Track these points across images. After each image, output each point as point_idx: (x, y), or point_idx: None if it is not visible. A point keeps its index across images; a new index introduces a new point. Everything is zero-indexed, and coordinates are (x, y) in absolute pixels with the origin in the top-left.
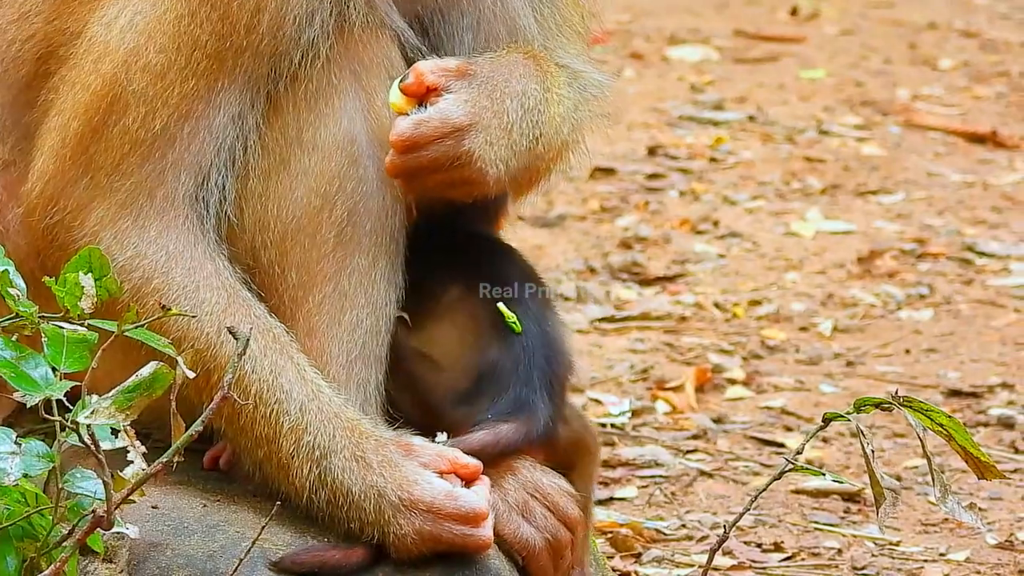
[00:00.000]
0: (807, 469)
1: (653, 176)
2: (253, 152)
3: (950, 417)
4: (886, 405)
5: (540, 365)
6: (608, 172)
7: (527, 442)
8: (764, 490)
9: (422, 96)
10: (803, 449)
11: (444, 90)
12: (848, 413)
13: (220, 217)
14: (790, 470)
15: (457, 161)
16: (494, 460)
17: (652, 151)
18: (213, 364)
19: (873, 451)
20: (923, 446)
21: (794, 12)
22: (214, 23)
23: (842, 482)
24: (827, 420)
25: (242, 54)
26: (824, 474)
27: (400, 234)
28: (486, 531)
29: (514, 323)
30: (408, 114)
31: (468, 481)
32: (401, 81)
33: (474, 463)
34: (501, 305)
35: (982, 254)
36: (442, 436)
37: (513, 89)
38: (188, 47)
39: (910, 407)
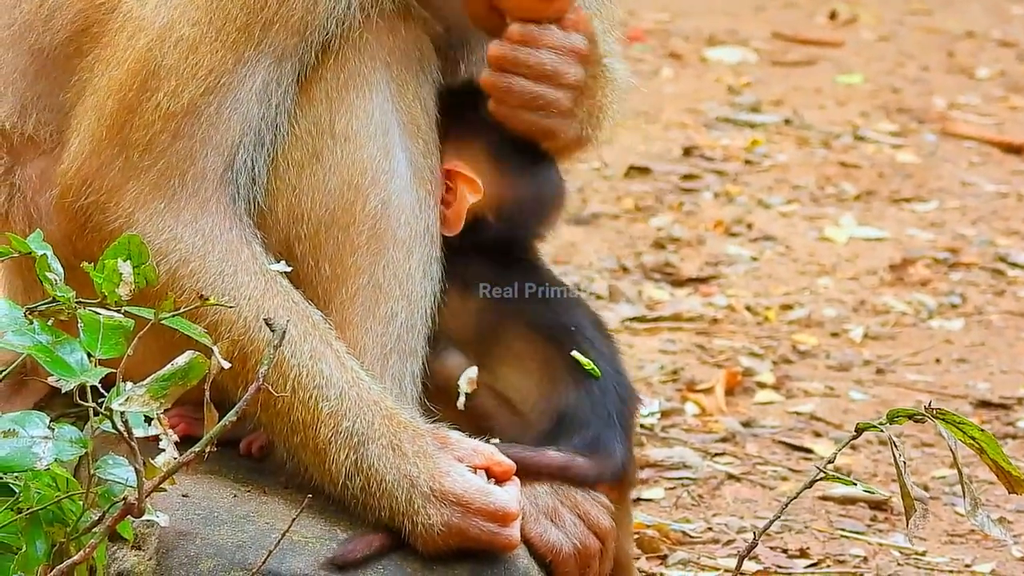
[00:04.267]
0: (839, 478)
1: (688, 177)
2: (286, 142)
3: (982, 430)
4: (918, 416)
5: (616, 406)
6: (643, 171)
7: (598, 480)
8: (795, 498)
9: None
10: (834, 458)
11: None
12: (880, 423)
13: (252, 204)
14: (821, 478)
15: (552, 107)
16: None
17: (688, 152)
18: (250, 349)
19: (905, 462)
20: (955, 458)
21: (832, 16)
22: None
23: (872, 491)
24: (860, 430)
25: (271, 27)
26: (855, 483)
27: (435, 227)
28: (514, 531)
29: (592, 369)
30: None
31: (500, 480)
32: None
33: (508, 463)
34: (576, 353)
35: (1015, 265)
36: (472, 371)
37: (610, 75)
38: (219, 20)
39: (943, 419)
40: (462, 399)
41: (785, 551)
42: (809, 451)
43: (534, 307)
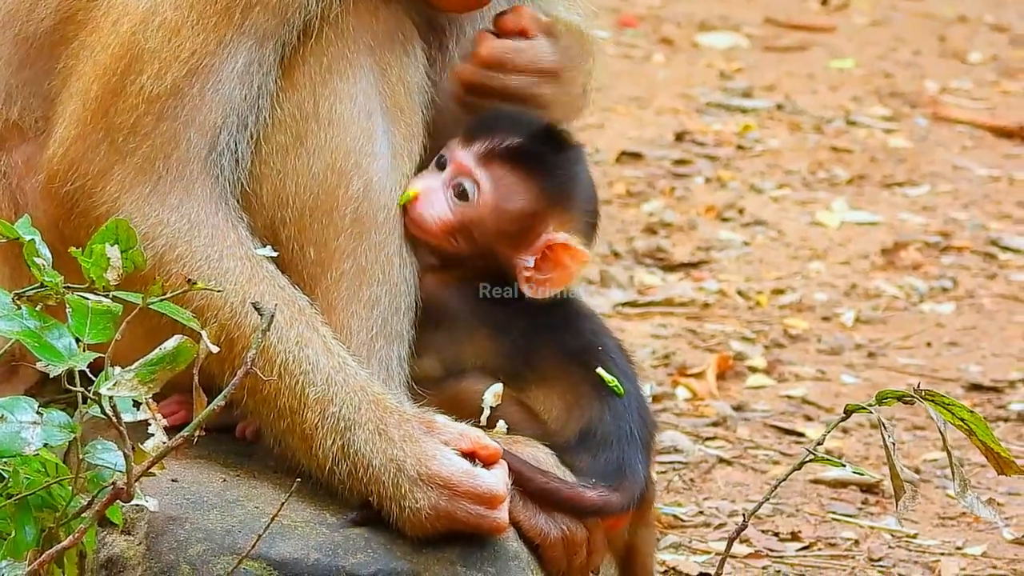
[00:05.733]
0: (828, 460)
1: (680, 162)
2: (270, 125)
3: (971, 412)
4: (908, 398)
5: (638, 424)
6: (635, 157)
7: (627, 509)
8: (784, 480)
9: (509, 32)
10: (824, 440)
11: (533, 36)
12: (870, 405)
13: (238, 188)
14: (811, 460)
15: (529, 100)
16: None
17: (679, 137)
18: (237, 334)
19: (894, 443)
20: (944, 440)
21: (824, 2)
22: None
23: (862, 474)
24: (848, 412)
25: (251, 9)
26: (844, 465)
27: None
28: (502, 514)
29: (616, 387)
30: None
31: (487, 463)
32: (499, 15)
33: (495, 446)
34: (600, 370)
35: (1006, 249)
36: (497, 386)
37: (584, 64)
38: (201, 2)
39: (932, 401)
40: (486, 413)
41: (776, 534)
42: (800, 435)
43: (564, 335)
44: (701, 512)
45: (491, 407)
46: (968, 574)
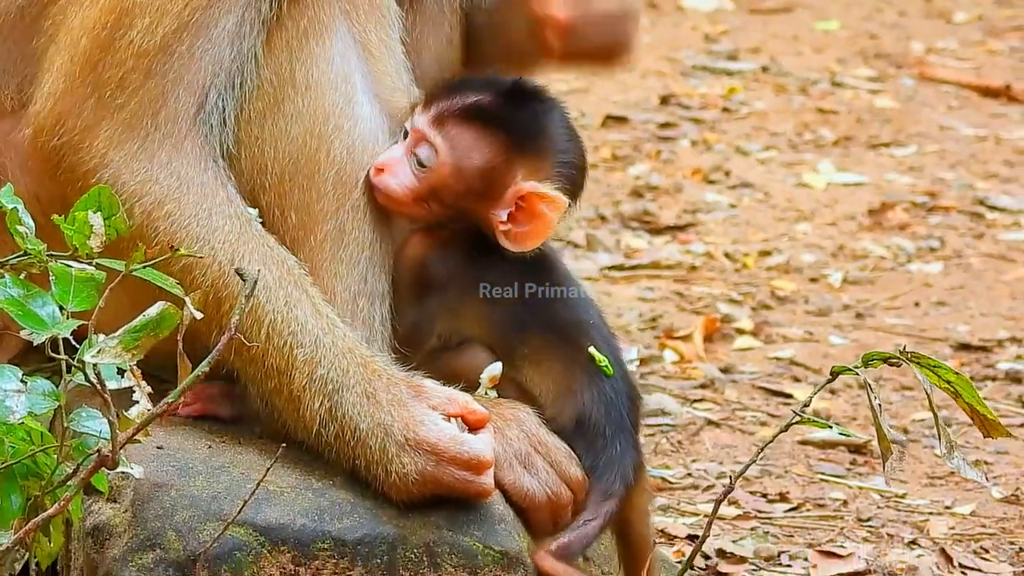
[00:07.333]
0: (814, 421)
1: (665, 125)
2: (250, 91)
3: (957, 374)
4: (893, 360)
5: (627, 406)
6: (620, 120)
7: (622, 505)
8: (771, 442)
9: None
10: (811, 401)
11: None
12: (856, 367)
13: (224, 148)
14: (798, 422)
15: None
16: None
17: (665, 100)
18: (225, 294)
19: (880, 405)
20: (930, 401)
21: None
22: None
23: (849, 435)
24: (835, 373)
25: None
26: (831, 426)
27: None
28: (488, 479)
29: (606, 367)
30: None
31: (474, 428)
32: None
33: (483, 411)
34: (592, 350)
35: (993, 208)
36: (496, 367)
37: None
38: None
39: (917, 363)
40: (481, 390)
41: (765, 496)
42: (789, 396)
43: (554, 308)
44: (689, 474)
45: (487, 389)
46: (957, 533)
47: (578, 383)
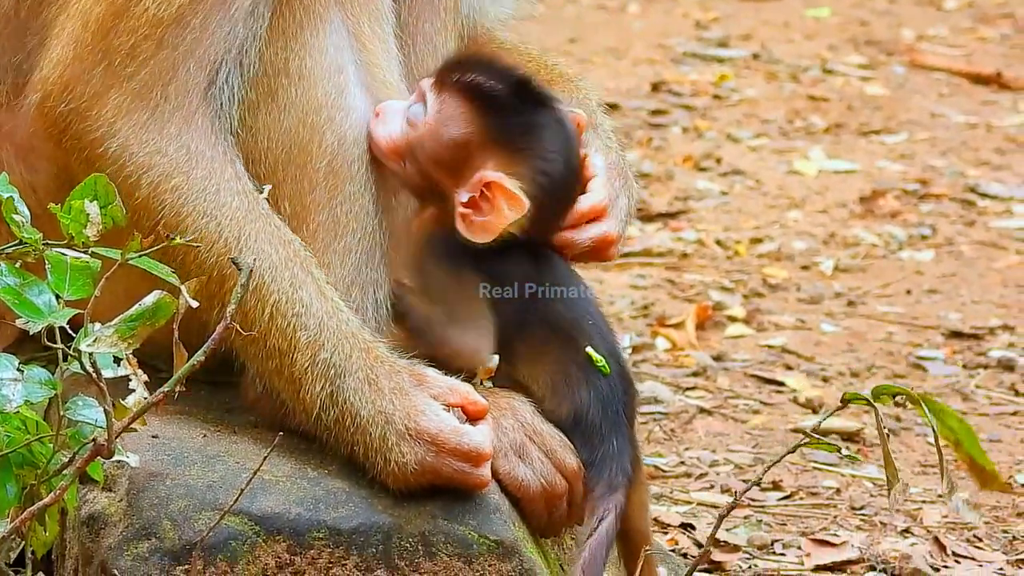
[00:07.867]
0: (824, 444)
1: (657, 112)
2: (249, 78)
3: (961, 420)
4: (901, 396)
5: (623, 402)
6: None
7: (624, 492)
8: (777, 462)
9: None
10: (820, 426)
11: None
12: (866, 397)
13: (231, 125)
14: (806, 444)
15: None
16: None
17: (656, 87)
18: (230, 271)
19: (889, 432)
20: (936, 440)
21: None
22: None
23: (855, 459)
24: (845, 401)
25: None
26: (839, 449)
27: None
28: (486, 471)
29: (603, 366)
30: None
31: (474, 419)
32: None
33: (483, 402)
34: (589, 349)
35: (984, 195)
36: (493, 360)
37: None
38: None
39: (923, 404)
40: (476, 382)
41: (758, 484)
42: (781, 384)
43: (554, 307)
44: (682, 462)
45: (481, 381)
46: (950, 522)
47: (574, 379)
